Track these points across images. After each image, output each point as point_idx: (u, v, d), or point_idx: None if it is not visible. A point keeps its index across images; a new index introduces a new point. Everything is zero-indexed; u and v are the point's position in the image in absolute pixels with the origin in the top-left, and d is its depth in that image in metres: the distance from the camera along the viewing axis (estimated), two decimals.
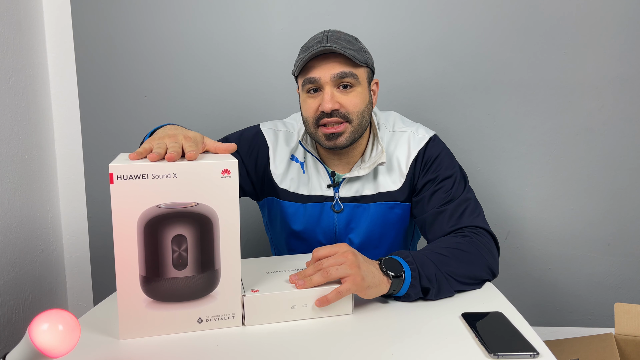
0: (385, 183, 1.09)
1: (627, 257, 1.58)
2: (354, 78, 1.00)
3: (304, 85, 1.03)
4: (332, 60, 0.99)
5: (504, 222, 1.61)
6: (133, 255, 0.74)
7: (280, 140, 1.15)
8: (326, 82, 1.00)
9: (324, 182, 1.11)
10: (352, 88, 1.01)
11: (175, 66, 1.60)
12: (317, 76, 1.00)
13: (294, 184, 1.12)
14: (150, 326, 0.76)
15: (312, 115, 1.03)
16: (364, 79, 1.04)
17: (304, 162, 1.13)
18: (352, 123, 1.02)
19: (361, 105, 1.02)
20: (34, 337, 0.57)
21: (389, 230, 1.12)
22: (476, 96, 1.56)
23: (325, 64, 0.99)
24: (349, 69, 0.99)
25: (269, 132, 1.16)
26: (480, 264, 0.95)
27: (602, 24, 1.50)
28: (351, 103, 1.01)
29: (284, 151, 1.14)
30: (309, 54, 0.98)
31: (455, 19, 1.53)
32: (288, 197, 1.12)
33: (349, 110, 1.01)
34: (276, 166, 1.13)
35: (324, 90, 1.00)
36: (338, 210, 1.10)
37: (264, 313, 0.80)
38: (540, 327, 1.61)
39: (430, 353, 0.71)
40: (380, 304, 0.88)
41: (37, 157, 1.55)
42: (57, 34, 1.59)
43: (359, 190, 1.10)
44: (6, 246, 1.42)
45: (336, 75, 0.99)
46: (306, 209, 1.11)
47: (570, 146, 1.56)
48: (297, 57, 1.05)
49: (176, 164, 0.74)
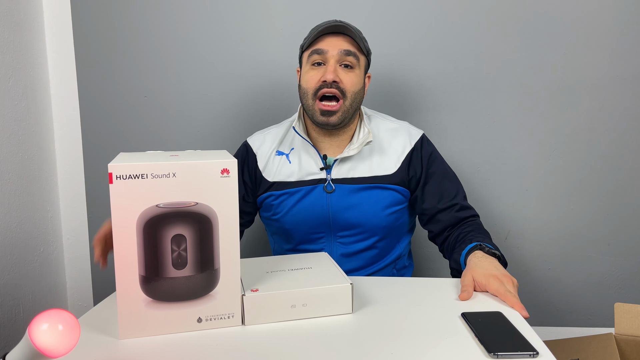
0: (380, 167, 1.17)
1: (627, 257, 1.58)
2: (356, 59, 1.11)
3: (310, 57, 1.12)
4: (342, 38, 1.11)
5: (504, 222, 1.61)
6: (133, 255, 0.74)
7: (266, 142, 1.24)
8: (332, 55, 1.10)
9: (317, 165, 1.17)
10: (352, 69, 1.12)
11: (175, 66, 1.60)
12: (325, 48, 1.10)
13: (283, 174, 1.19)
14: (150, 326, 0.76)
15: (313, 86, 1.12)
16: (363, 66, 1.15)
17: (289, 153, 1.21)
18: (346, 101, 1.11)
19: (357, 86, 1.13)
20: (34, 337, 0.57)
21: (380, 211, 1.17)
22: (476, 96, 1.56)
23: (335, 39, 1.10)
24: (354, 50, 1.11)
25: (254, 141, 1.25)
26: None
27: (602, 24, 1.50)
28: (350, 81, 1.11)
29: (268, 150, 1.22)
30: (325, 26, 1.09)
31: (455, 19, 1.53)
32: (279, 187, 1.19)
33: (347, 87, 1.11)
34: (264, 165, 1.21)
35: (328, 64, 1.10)
36: (330, 191, 1.17)
37: (264, 313, 0.80)
38: (540, 327, 1.61)
39: (430, 353, 0.71)
40: (380, 304, 0.88)
41: (37, 157, 1.55)
42: (57, 34, 1.59)
43: (351, 172, 1.17)
44: (6, 246, 1.42)
45: (343, 52, 1.10)
46: (299, 193, 1.18)
47: (570, 146, 1.56)
48: (308, 34, 1.15)
49: (175, 163, 0.74)
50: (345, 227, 1.18)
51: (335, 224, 1.18)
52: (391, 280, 1.01)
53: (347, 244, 1.19)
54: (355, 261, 1.21)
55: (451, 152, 1.56)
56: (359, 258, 1.21)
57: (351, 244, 1.19)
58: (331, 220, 1.18)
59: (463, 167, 1.58)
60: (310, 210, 1.17)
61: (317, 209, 1.17)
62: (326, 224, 1.18)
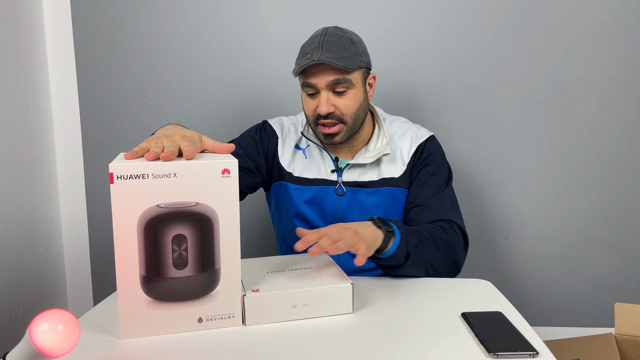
0: (388, 170, 1.18)
1: (627, 257, 1.58)
2: (348, 83, 1.08)
3: (303, 88, 1.12)
4: (327, 67, 1.07)
5: (504, 222, 1.61)
6: (133, 255, 0.74)
7: (286, 132, 1.24)
8: (322, 87, 1.08)
9: (329, 167, 1.19)
10: (346, 92, 1.09)
11: (175, 66, 1.60)
12: (313, 82, 1.09)
13: (299, 168, 1.20)
14: (150, 326, 0.76)
15: (311, 114, 1.13)
16: (359, 80, 1.11)
17: (306, 148, 1.22)
18: (347, 123, 1.11)
19: (354, 106, 1.11)
20: (34, 336, 0.57)
21: (390, 215, 1.18)
22: (476, 96, 1.56)
23: (320, 72, 1.07)
24: (342, 76, 1.07)
25: (276, 125, 1.25)
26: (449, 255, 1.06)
27: (602, 24, 1.50)
28: (345, 105, 1.10)
29: (291, 141, 1.23)
30: (305, 64, 1.06)
31: (455, 19, 1.53)
32: (294, 181, 1.20)
33: (343, 112, 1.10)
34: (284, 153, 1.21)
35: (320, 95, 1.09)
36: (341, 194, 1.17)
37: (264, 313, 0.80)
38: (540, 327, 1.61)
39: (430, 353, 0.71)
40: (381, 304, 0.88)
41: (37, 157, 1.55)
42: (57, 34, 1.59)
43: (362, 176, 1.18)
44: (6, 246, 1.42)
45: (330, 82, 1.07)
46: (311, 191, 1.19)
47: (570, 146, 1.56)
48: (297, 58, 1.13)
49: (176, 163, 0.74)
50: None
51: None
52: (391, 280, 1.01)
53: None
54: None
55: (451, 152, 1.56)
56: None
57: None
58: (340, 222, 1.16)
59: (463, 167, 1.58)
60: (321, 210, 1.19)
61: (329, 209, 1.18)
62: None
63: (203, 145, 0.85)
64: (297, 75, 1.11)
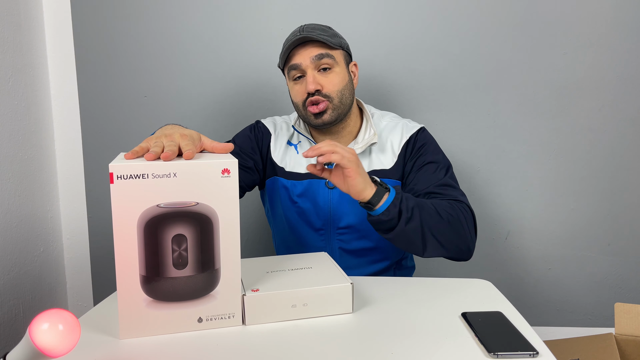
0: (379, 162, 1.19)
1: (627, 257, 1.58)
2: (331, 59, 1.13)
3: (290, 73, 1.17)
4: (310, 46, 1.13)
5: (504, 222, 1.61)
6: (133, 254, 0.74)
7: (279, 129, 1.28)
8: (307, 65, 1.13)
9: None
10: (330, 70, 1.14)
11: (175, 66, 1.60)
12: (298, 62, 1.13)
13: (291, 163, 1.23)
14: (150, 326, 0.76)
15: (300, 99, 1.16)
16: (341, 60, 1.17)
17: (298, 144, 1.25)
18: (333, 101, 1.14)
19: (340, 85, 1.15)
20: (34, 336, 0.57)
21: None
22: (476, 96, 1.56)
23: (304, 50, 1.13)
24: (326, 51, 1.13)
25: (268, 123, 1.29)
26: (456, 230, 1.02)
27: (602, 24, 1.50)
28: (331, 83, 1.14)
29: (283, 137, 1.26)
30: (288, 45, 1.13)
31: (455, 19, 1.53)
32: (286, 176, 1.22)
33: (329, 90, 1.14)
34: (276, 149, 1.25)
35: (306, 75, 1.13)
36: (331, 187, 1.19)
37: (264, 312, 0.80)
38: (540, 327, 1.61)
39: (430, 353, 0.71)
40: (381, 304, 0.88)
41: (37, 157, 1.55)
42: (57, 34, 1.59)
43: None
44: (6, 246, 1.42)
45: (315, 57, 1.12)
46: (302, 185, 1.21)
47: (570, 146, 1.56)
48: (281, 51, 1.18)
49: (176, 163, 0.74)
50: (345, 225, 1.18)
51: (335, 220, 1.19)
52: (391, 280, 1.01)
53: (346, 241, 1.20)
54: (356, 259, 1.21)
55: (451, 152, 1.56)
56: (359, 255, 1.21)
57: (351, 241, 1.20)
58: (332, 216, 1.20)
59: (463, 167, 1.58)
60: (313, 203, 1.20)
61: (320, 203, 1.20)
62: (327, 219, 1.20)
63: (202, 145, 0.85)
64: (283, 66, 1.17)
